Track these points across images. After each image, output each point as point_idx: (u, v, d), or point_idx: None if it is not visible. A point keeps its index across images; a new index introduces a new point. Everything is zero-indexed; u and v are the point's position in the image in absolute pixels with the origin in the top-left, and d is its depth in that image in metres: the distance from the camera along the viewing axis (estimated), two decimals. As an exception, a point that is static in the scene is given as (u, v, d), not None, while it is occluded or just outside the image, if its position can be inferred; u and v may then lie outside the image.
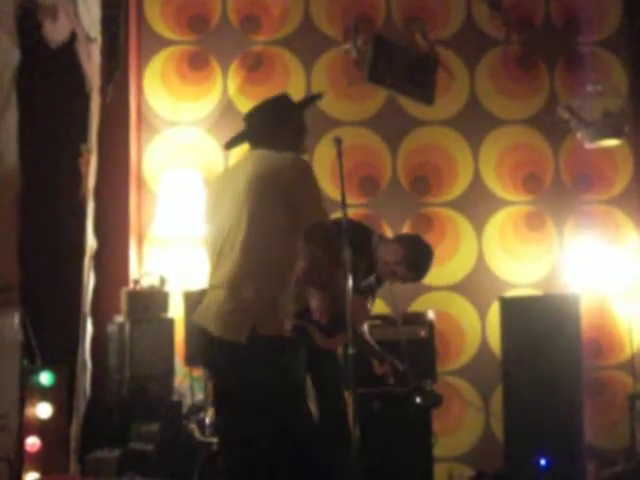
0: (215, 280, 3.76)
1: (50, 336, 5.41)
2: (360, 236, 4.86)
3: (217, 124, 6.82)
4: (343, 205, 3.78)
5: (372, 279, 5.07)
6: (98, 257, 5.79)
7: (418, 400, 5.12)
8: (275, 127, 3.91)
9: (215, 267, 3.79)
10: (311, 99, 4.27)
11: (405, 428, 5.59)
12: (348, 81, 6.86)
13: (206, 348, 3.77)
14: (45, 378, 5.22)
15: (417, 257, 4.95)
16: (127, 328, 5.79)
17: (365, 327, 5.18)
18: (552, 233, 6.95)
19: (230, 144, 4.16)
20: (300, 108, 4.07)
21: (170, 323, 5.96)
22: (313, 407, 4.88)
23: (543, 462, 5.87)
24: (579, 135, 6.59)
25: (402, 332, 5.58)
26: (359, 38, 6.77)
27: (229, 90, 6.90)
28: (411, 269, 4.94)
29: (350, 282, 3.76)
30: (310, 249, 3.88)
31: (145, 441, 5.39)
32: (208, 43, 7.00)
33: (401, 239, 5.08)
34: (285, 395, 3.56)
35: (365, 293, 5.03)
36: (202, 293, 3.95)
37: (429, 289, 6.78)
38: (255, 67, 6.94)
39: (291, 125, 3.96)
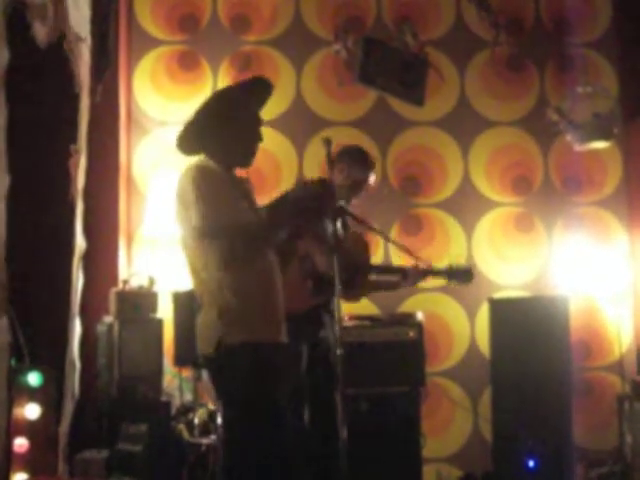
0: None
1: (38, 336, 5.41)
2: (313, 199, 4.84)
3: (207, 124, 6.81)
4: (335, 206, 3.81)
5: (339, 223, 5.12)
6: (87, 257, 5.77)
7: (452, 283, 5.30)
8: (216, 127, 3.72)
9: None
10: (254, 84, 3.84)
11: (393, 429, 5.59)
12: (338, 82, 6.87)
13: None
14: (33, 378, 5.22)
15: (357, 155, 5.16)
16: (116, 328, 5.78)
17: None
18: (541, 235, 6.96)
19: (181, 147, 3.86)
20: (244, 98, 3.79)
21: (159, 323, 5.96)
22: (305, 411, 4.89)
23: (531, 463, 5.86)
24: (569, 137, 6.59)
25: (390, 333, 5.60)
26: (349, 39, 6.77)
27: (219, 90, 6.88)
28: (362, 166, 5.12)
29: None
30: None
31: (133, 442, 5.38)
32: (198, 43, 6.99)
33: (333, 162, 4.88)
34: (253, 404, 3.52)
35: (347, 231, 5.16)
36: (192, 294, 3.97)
37: (418, 290, 6.78)
38: (245, 67, 6.92)
39: (236, 121, 3.74)
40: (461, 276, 5.28)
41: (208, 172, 3.61)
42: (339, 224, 5.10)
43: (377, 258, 6.32)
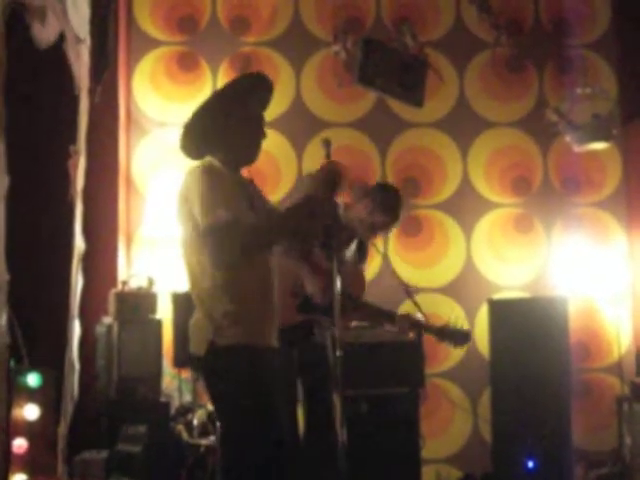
0: None
1: (38, 337, 5.41)
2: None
3: (206, 125, 6.80)
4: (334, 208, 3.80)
5: (353, 246, 5.05)
6: (86, 258, 5.77)
7: (447, 343, 5.15)
8: (217, 126, 3.70)
9: None
10: (250, 81, 3.81)
11: (393, 430, 5.58)
12: (337, 83, 6.86)
13: None
14: (32, 379, 5.22)
15: (387, 199, 4.95)
16: (115, 329, 5.79)
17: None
18: (541, 235, 6.97)
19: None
20: (241, 95, 3.74)
21: (158, 324, 5.95)
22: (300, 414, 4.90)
23: (531, 464, 5.87)
24: (568, 138, 6.59)
25: (390, 333, 5.59)
26: (348, 40, 6.76)
27: (218, 91, 6.88)
28: (386, 212, 4.92)
29: (337, 275, 3.77)
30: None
31: (133, 443, 5.38)
32: (197, 44, 6.99)
33: (363, 193, 5.01)
34: (246, 405, 3.49)
35: (357, 262, 5.08)
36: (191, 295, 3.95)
37: (418, 291, 6.78)
38: (244, 68, 6.92)
39: (235, 118, 3.70)
40: (456, 338, 5.11)
41: (214, 172, 3.58)
42: (352, 249, 5.05)
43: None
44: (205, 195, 3.48)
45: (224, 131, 3.70)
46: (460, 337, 5.10)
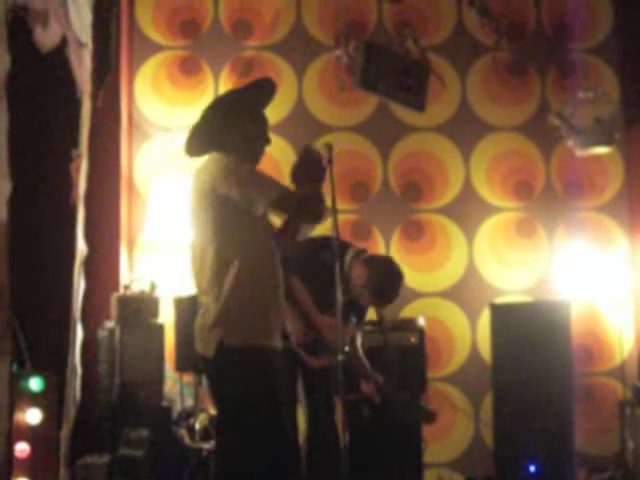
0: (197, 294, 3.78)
1: (40, 341, 5.40)
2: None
3: (208, 129, 6.80)
4: (334, 211, 3.79)
5: (348, 298, 4.72)
6: (88, 262, 5.77)
7: (410, 415, 5.14)
8: (224, 126, 3.76)
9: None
10: (262, 86, 3.90)
11: (395, 434, 5.58)
12: (339, 87, 6.86)
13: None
14: (35, 383, 5.21)
15: (381, 284, 4.76)
16: (117, 333, 5.78)
17: (358, 341, 5.15)
18: (543, 240, 6.96)
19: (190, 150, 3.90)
20: (253, 99, 3.83)
21: (160, 329, 5.95)
22: (302, 418, 4.89)
23: (533, 468, 5.87)
24: (570, 142, 6.59)
25: (392, 338, 5.58)
26: (350, 44, 6.77)
27: (220, 95, 6.89)
28: (374, 296, 4.77)
29: (339, 296, 3.76)
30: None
31: (135, 447, 5.38)
32: (199, 48, 7.00)
33: (370, 262, 4.82)
34: (255, 407, 3.51)
35: (349, 314, 4.84)
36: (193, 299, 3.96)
37: (420, 295, 6.78)
38: (246, 72, 6.93)
39: (246, 122, 3.78)
40: (421, 415, 5.14)
41: (231, 159, 3.62)
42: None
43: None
44: (245, 173, 3.57)
45: (233, 129, 3.73)
46: (424, 416, 5.15)
